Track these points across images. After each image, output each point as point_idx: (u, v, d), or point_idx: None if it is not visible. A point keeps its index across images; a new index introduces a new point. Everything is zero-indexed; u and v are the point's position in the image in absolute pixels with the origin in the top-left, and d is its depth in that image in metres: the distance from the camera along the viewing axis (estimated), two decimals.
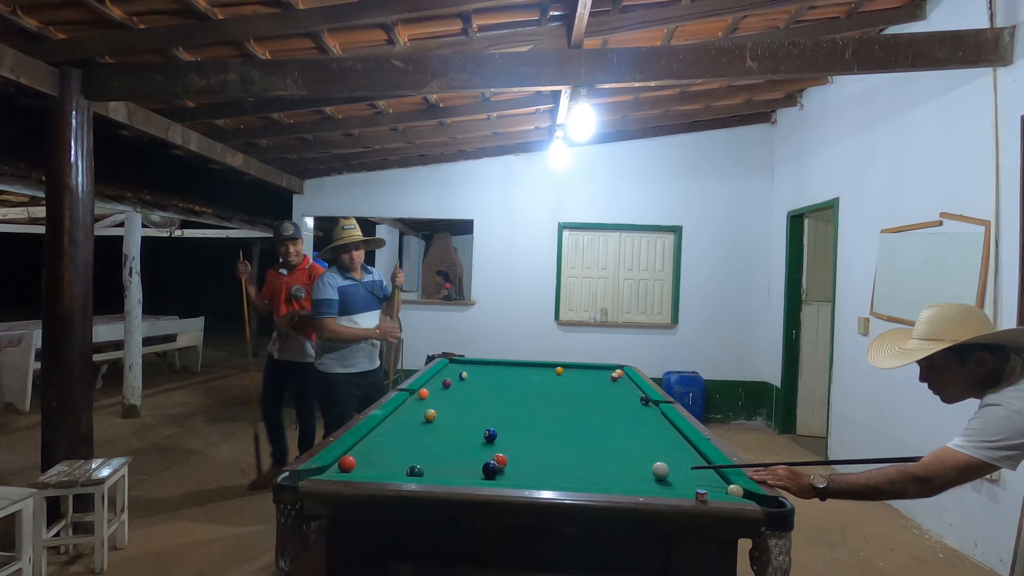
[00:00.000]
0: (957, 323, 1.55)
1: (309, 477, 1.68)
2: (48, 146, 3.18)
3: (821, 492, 1.60)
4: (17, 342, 5.81)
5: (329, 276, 3.24)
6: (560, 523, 1.60)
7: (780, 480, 1.67)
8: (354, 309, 3.26)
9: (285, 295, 3.86)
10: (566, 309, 6.38)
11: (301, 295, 3.85)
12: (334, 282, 3.21)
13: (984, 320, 1.59)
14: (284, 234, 3.87)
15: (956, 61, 3.04)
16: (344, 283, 3.24)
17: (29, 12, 2.84)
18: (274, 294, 3.95)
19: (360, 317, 3.27)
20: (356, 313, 3.26)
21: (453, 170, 6.41)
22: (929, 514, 3.53)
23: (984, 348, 1.53)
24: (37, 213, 7.22)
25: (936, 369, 1.60)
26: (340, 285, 3.22)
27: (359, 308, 3.27)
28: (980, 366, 1.54)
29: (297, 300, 3.85)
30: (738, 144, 6.17)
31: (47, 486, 2.76)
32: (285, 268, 3.94)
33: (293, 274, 3.91)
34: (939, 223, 3.49)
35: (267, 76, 3.22)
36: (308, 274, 3.89)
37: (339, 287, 3.21)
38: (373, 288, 3.37)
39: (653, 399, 2.96)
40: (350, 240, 3.23)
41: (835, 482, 1.61)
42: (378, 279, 3.45)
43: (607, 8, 3.46)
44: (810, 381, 5.54)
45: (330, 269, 3.32)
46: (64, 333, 3.17)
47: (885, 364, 1.63)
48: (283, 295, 3.87)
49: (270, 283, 4.02)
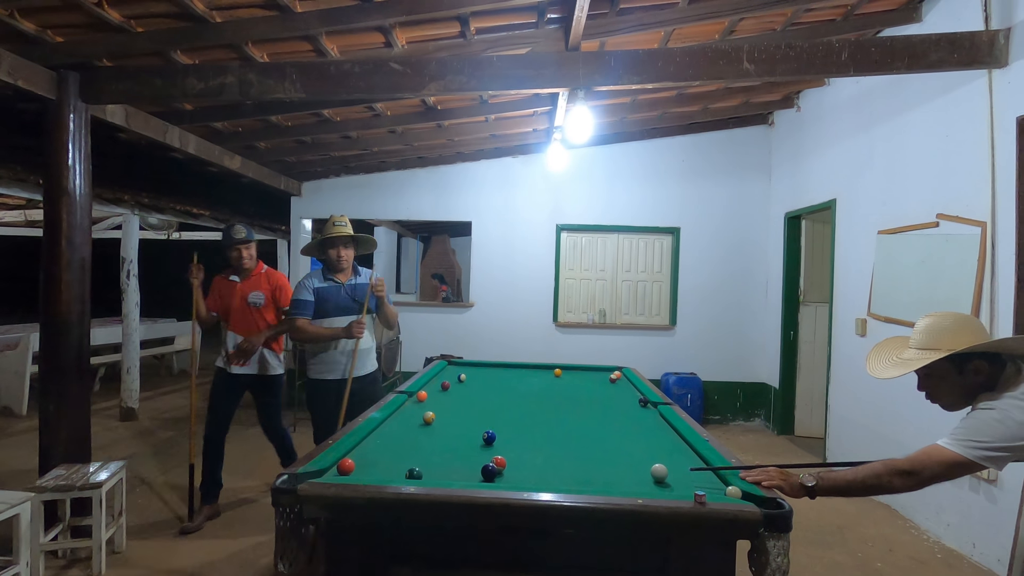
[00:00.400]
0: (954, 332, 1.58)
1: (308, 480, 1.68)
2: (46, 149, 3.18)
3: (811, 490, 1.63)
4: (14, 345, 5.80)
5: (308, 277, 3.16)
6: (559, 525, 1.60)
7: (772, 480, 1.68)
8: (329, 312, 3.10)
9: (239, 303, 3.52)
10: (564, 311, 6.39)
11: (260, 302, 3.54)
12: (310, 283, 3.11)
13: (980, 328, 1.62)
14: (236, 237, 3.52)
15: (952, 63, 3.06)
16: (322, 285, 3.13)
17: (27, 15, 2.84)
18: (225, 303, 3.57)
19: (334, 321, 3.10)
20: (331, 317, 3.10)
21: (451, 172, 6.42)
22: (927, 515, 3.54)
23: (981, 356, 1.56)
24: (34, 216, 7.22)
25: (934, 378, 1.63)
26: (317, 287, 3.11)
27: (334, 312, 3.11)
28: (977, 374, 1.57)
29: (256, 308, 3.53)
30: (735, 146, 6.19)
31: (45, 490, 2.75)
32: (237, 274, 3.59)
33: (248, 280, 3.57)
34: (936, 224, 3.50)
35: (265, 79, 3.22)
36: (267, 279, 3.60)
37: (315, 288, 3.10)
38: (356, 293, 3.18)
39: (652, 401, 2.96)
40: (336, 234, 3.10)
41: (824, 479, 1.63)
42: (368, 282, 3.24)
43: (604, 11, 3.47)
44: (808, 382, 5.55)
45: (316, 271, 3.22)
46: (62, 336, 3.17)
47: (884, 374, 1.66)
48: (236, 303, 3.52)
49: (218, 292, 3.63)
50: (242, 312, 3.53)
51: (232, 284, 3.57)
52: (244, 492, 3.89)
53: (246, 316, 3.53)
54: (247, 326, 3.52)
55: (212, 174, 6.08)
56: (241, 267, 3.55)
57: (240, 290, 3.54)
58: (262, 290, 3.56)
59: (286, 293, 3.58)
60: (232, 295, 3.54)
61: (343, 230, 3.13)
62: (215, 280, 3.68)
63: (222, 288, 3.62)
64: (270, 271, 3.66)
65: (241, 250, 3.53)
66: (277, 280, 3.64)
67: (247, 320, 3.53)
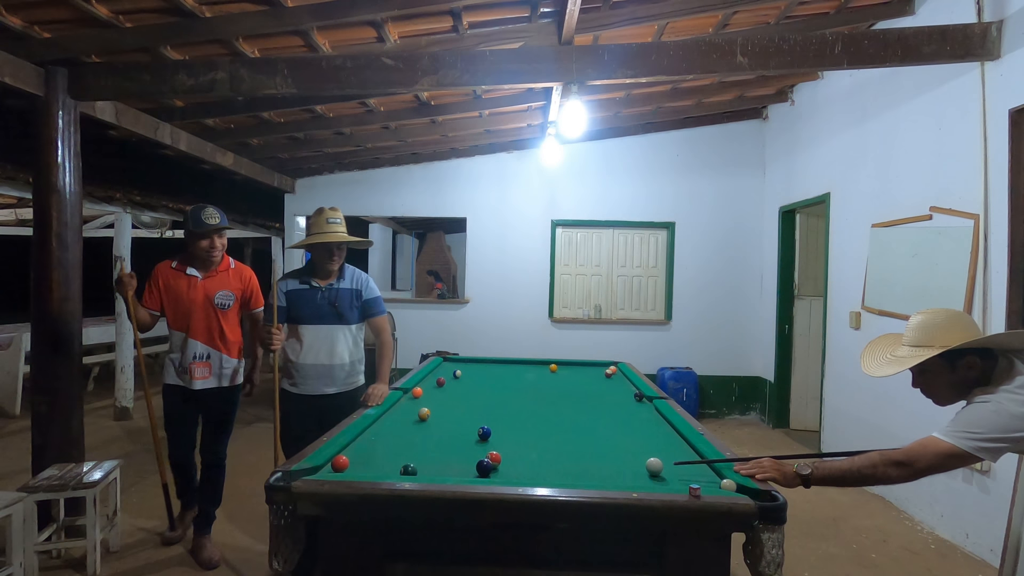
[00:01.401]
0: (946, 329, 1.60)
1: (302, 477, 1.67)
2: (34, 147, 3.14)
3: (806, 479, 1.64)
4: (6, 345, 5.76)
5: (282, 279, 2.81)
6: (554, 520, 1.60)
7: (766, 472, 1.69)
8: (304, 319, 2.72)
9: (202, 303, 2.93)
10: (560, 306, 6.39)
11: (229, 304, 3.00)
12: (284, 286, 2.75)
13: (971, 324, 1.64)
14: (210, 223, 2.88)
15: (944, 56, 3.06)
16: (297, 288, 2.74)
17: (13, 11, 2.80)
18: (179, 302, 2.92)
19: (310, 329, 2.72)
20: (306, 324, 2.72)
21: (446, 168, 6.40)
22: (921, 505, 3.56)
23: (973, 352, 1.57)
24: (25, 215, 7.16)
25: (928, 375, 1.65)
26: (290, 289, 2.74)
27: (310, 319, 2.72)
28: (970, 370, 1.58)
29: (224, 311, 2.99)
30: (730, 140, 6.19)
31: (38, 490, 2.73)
32: (197, 267, 2.97)
33: (214, 276, 2.98)
34: (929, 217, 3.51)
35: (256, 75, 3.19)
36: (238, 276, 3.07)
37: (287, 291, 2.73)
38: (337, 298, 2.75)
39: (647, 395, 2.96)
40: (331, 240, 2.69)
41: (819, 469, 1.65)
42: (354, 287, 2.82)
43: (597, 4, 3.46)
44: (803, 375, 5.58)
45: (292, 271, 2.90)
46: (54, 335, 3.14)
47: (878, 373, 1.68)
48: (198, 303, 2.93)
49: (165, 286, 2.94)
50: (205, 314, 2.95)
51: (190, 279, 2.95)
52: (242, 489, 3.87)
53: (210, 320, 2.96)
54: (211, 333, 2.96)
55: (204, 171, 6.04)
56: (209, 260, 2.96)
57: (204, 287, 2.96)
58: (232, 289, 3.02)
59: (259, 294, 3.16)
60: (190, 293, 2.94)
61: (337, 229, 2.72)
62: (157, 271, 2.98)
63: (172, 282, 2.94)
64: (240, 266, 3.13)
65: (214, 239, 2.93)
66: (250, 278, 3.13)
67: (210, 325, 2.96)
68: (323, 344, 2.73)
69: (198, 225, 2.88)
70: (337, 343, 2.75)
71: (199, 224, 2.88)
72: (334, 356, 2.75)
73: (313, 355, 2.73)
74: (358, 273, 2.88)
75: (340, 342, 2.76)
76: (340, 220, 2.78)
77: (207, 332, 2.96)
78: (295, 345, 2.75)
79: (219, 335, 2.99)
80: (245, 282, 3.09)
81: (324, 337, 2.73)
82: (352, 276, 2.84)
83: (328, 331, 2.74)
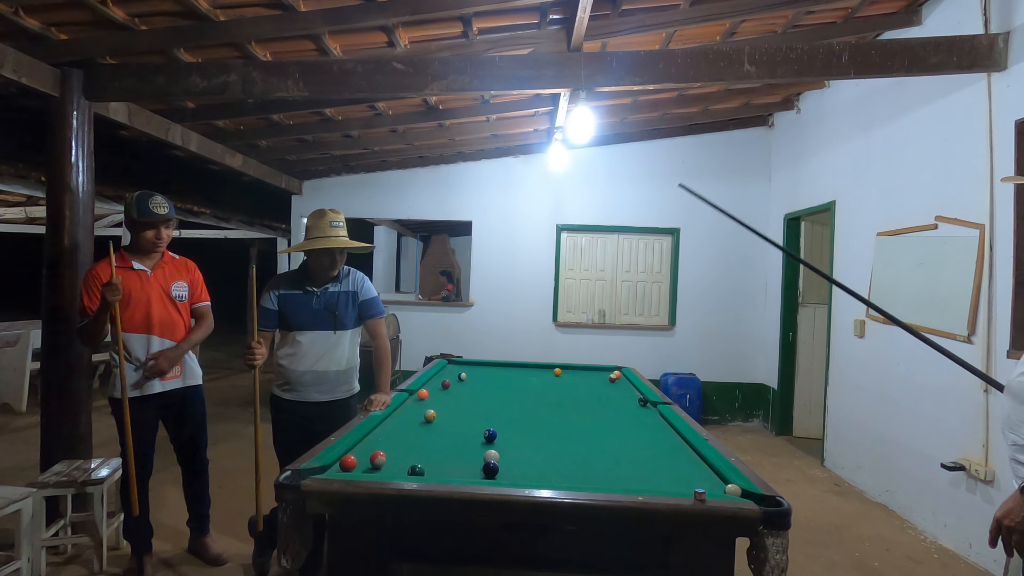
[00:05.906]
0: None
1: (311, 476, 1.69)
2: (49, 146, 3.19)
3: None
4: (14, 342, 5.80)
5: (272, 284, 2.67)
6: (560, 522, 1.62)
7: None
8: (298, 325, 2.60)
9: (159, 298, 2.75)
10: (564, 311, 6.40)
11: (185, 295, 2.86)
12: (276, 291, 2.62)
13: None
14: (158, 212, 2.68)
15: (951, 66, 3.08)
16: (289, 292, 2.62)
17: (31, 13, 2.85)
18: (134, 301, 2.68)
19: (306, 335, 2.60)
20: (301, 330, 2.60)
21: (452, 172, 6.43)
22: (924, 515, 3.56)
23: None
24: (35, 213, 7.23)
25: None
26: (282, 293, 2.62)
27: (303, 324, 2.60)
28: None
29: (181, 302, 2.84)
30: (735, 147, 6.20)
31: (46, 486, 2.75)
32: (143, 262, 2.76)
33: (162, 268, 2.81)
34: (934, 226, 3.52)
35: (268, 77, 3.23)
36: (184, 267, 2.91)
37: (279, 295, 2.62)
38: (332, 302, 2.63)
39: (651, 400, 2.97)
40: (334, 245, 2.56)
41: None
42: (351, 289, 2.69)
43: (606, 12, 3.48)
44: (806, 383, 5.57)
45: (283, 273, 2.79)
46: (64, 333, 3.18)
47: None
48: (155, 298, 2.74)
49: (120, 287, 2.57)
50: (165, 309, 2.77)
51: (140, 274, 2.73)
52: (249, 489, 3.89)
53: (171, 314, 2.79)
54: (173, 327, 2.79)
55: (213, 172, 6.08)
56: (154, 251, 2.79)
57: (157, 280, 2.77)
58: (184, 280, 2.87)
59: (204, 288, 2.97)
60: (142, 289, 2.72)
61: (339, 233, 2.60)
62: (96, 273, 2.66)
63: (121, 281, 2.60)
64: (181, 257, 2.96)
65: (161, 230, 2.75)
66: (195, 269, 2.96)
67: (171, 319, 2.79)
68: (318, 351, 2.61)
69: (144, 214, 2.68)
70: (333, 350, 2.64)
71: (146, 213, 2.68)
72: (330, 363, 2.64)
73: (308, 362, 2.61)
74: (354, 273, 2.74)
75: (336, 349, 2.65)
76: (342, 223, 2.64)
77: (171, 327, 2.79)
78: (289, 351, 2.63)
79: (183, 329, 2.85)
80: (192, 272, 2.92)
81: (319, 344, 2.62)
82: (348, 278, 2.71)
83: (324, 337, 2.62)
